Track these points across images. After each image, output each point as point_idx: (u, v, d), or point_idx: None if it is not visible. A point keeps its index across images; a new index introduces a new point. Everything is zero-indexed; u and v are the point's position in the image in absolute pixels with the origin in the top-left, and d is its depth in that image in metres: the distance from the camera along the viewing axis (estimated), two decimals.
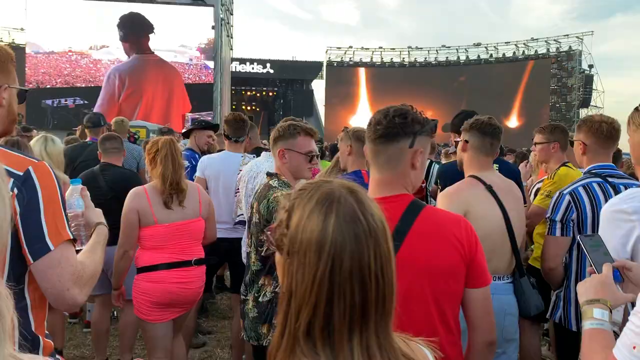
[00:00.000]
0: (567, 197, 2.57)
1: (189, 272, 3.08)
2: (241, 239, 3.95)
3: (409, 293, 1.50)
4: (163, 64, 23.44)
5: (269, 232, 0.92)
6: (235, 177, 3.98)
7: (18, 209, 1.40)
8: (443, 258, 1.54)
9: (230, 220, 4.05)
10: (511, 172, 3.22)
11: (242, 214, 3.93)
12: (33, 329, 1.48)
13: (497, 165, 3.20)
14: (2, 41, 30.35)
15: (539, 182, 3.80)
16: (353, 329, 0.88)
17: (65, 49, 23.09)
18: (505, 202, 2.42)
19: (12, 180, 1.39)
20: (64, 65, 23.20)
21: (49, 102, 22.59)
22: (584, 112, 31.87)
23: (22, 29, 26.57)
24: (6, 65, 1.53)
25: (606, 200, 2.45)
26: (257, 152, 4.38)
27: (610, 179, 2.56)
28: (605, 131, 2.60)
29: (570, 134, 3.83)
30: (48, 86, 22.87)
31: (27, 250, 1.41)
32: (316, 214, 0.91)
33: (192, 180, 3.90)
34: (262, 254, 2.38)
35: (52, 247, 1.44)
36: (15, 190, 1.40)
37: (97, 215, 1.80)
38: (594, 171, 2.62)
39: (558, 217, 2.58)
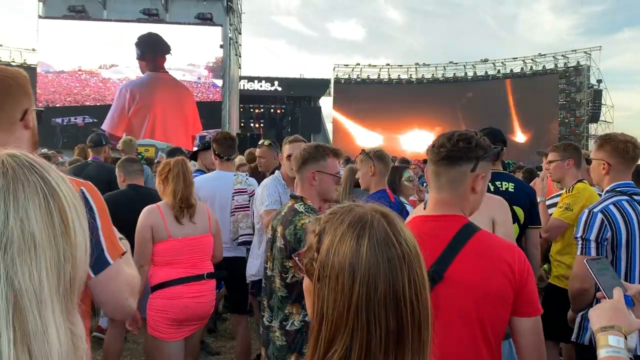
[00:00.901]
0: (600, 216, 2.49)
1: (202, 286, 3.16)
2: (241, 258, 3.92)
3: (455, 310, 1.53)
4: (176, 83, 23.83)
5: (297, 258, 0.91)
6: (230, 196, 4.00)
7: None
8: (492, 280, 1.54)
9: (227, 240, 4.03)
10: (526, 194, 3.17)
11: (245, 234, 3.91)
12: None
13: (514, 185, 3.18)
14: (14, 62, 30.85)
15: (550, 199, 3.75)
16: (388, 356, 0.86)
17: (75, 68, 23.45)
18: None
19: None
20: (74, 84, 23.58)
21: (58, 120, 22.91)
22: (593, 127, 31.75)
23: (33, 50, 27.02)
24: (28, 88, 1.60)
25: (638, 218, 2.43)
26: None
27: (635, 197, 2.53)
28: (630, 151, 2.57)
29: (584, 152, 3.81)
30: (58, 105, 23.18)
31: (88, 267, 1.46)
32: (348, 238, 0.89)
33: None
34: (288, 280, 2.32)
35: (110, 262, 1.53)
36: None
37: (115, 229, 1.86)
38: (618, 189, 2.57)
39: (592, 237, 2.49)
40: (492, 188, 3.21)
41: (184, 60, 23.89)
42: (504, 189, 3.19)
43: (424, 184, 4.77)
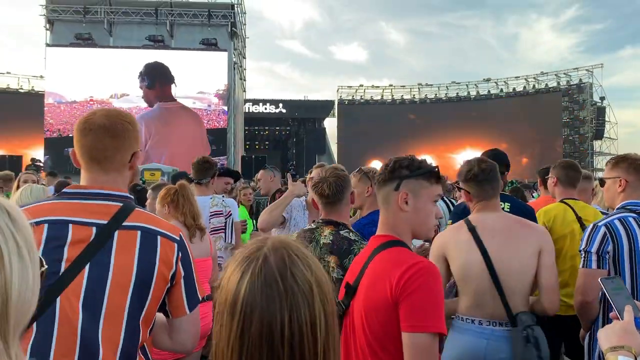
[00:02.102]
0: (603, 229, 2.51)
1: (202, 308, 3.16)
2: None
3: (357, 320, 1.67)
4: (186, 111, 24.05)
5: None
6: (207, 219, 4.02)
7: (182, 271, 1.63)
8: (375, 290, 1.62)
9: None
10: (523, 213, 3.17)
11: (219, 256, 3.91)
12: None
13: (509, 204, 3.17)
14: (22, 89, 31.29)
15: None
16: None
17: (86, 98, 23.76)
18: (492, 243, 2.39)
19: (176, 245, 1.63)
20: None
21: (70, 149, 23.09)
22: (597, 144, 31.70)
23: (41, 77, 27.42)
24: (137, 132, 1.72)
25: None
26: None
27: None
28: None
29: (585, 172, 3.84)
30: (70, 135, 23.38)
31: (185, 304, 1.64)
32: (235, 273, 0.88)
33: None
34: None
35: (200, 299, 1.71)
36: (181, 254, 1.64)
37: None
38: (628, 207, 2.58)
39: (593, 249, 2.50)
40: None
41: (193, 88, 24.17)
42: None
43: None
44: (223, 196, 4.37)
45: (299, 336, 0.83)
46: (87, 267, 1.47)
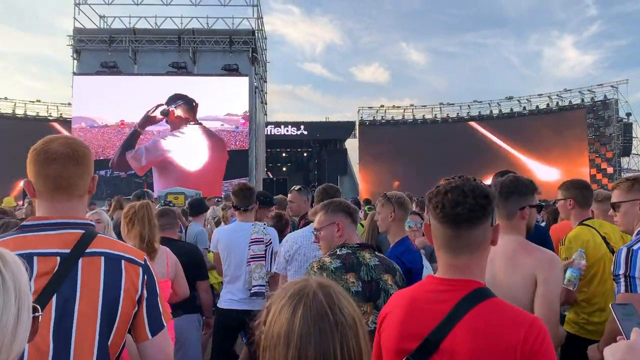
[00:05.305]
0: None
1: None
2: (256, 311, 3.87)
3: None
4: (211, 133, 24.62)
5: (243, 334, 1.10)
6: (247, 247, 4.05)
7: (146, 294, 1.63)
8: (492, 356, 1.38)
9: (245, 292, 4.04)
10: (535, 234, 3.09)
11: (258, 285, 3.89)
12: None
13: None
14: (51, 116, 32.18)
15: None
16: None
17: (117, 122, 24.44)
18: (489, 268, 2.27)
19: (140, 268, 1.64)
20: (117, 138, 24.47)
21: (102, 172, 23.71)
22: (625, 161, 31.05)
23: (69, 104, 28.17)
24: (92, 157, 1.76)
25: None
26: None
27: None
28: None
29: (598, 191, 3.71)
30: (102, 158, 24.03)
31: (147, 328, 1.64)
32: (286, 309, 0.97)
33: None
34: None
35: (165, 324, 1.69)
36: (146, 278, 1.65)
37: None
38: None
39: (637, 274, 2.41)
40: None
41: (219, 111, 24.62)
42: None
43: None
44: (265, 224, 4.35)
45: None
46: (54, 299, 1.48)
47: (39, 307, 0.79)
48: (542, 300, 2.17)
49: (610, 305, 1.45)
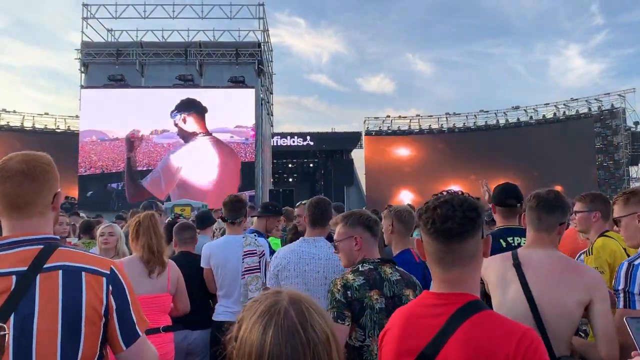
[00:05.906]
0: None
1: (159, 338, 3.26)
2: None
3: None
4: (221, 144, 24.57)
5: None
6: (240, 260, 4.00)
7: (114, 305, 1.58)
8: None
9: (240, 304, 3.99)
10: None
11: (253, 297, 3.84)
12: None
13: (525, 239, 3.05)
14: (59, 128, 32.44)
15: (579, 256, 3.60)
16: None
17: (128, 134, 24.43)
18: (535, 284, 2.24)
19: (104, 278, 1.58)
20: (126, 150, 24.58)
21: (114, 185, 23.85)
22: (634, 170, 30.85)
23: (76, 117, 28.36)
24: (56, 172, 1.70)
25: None
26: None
27: None
28: None
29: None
30: (113, 170, 24.12)
31: (120, 340, 1.59)
32: (257, 327, 0.95)
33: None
34: None
35: (140, 334, 1.64)
36: (111, 288, 1.59)
37: None
38: None
39: (636, 290, 2.35)
40: (503, 244, 3.13)
41: (228, 122, 24.69)
42: (515, 244, 3.12)
43: None
44: (256, 235, 4.32)
45: None
46: (12, 318, 1.44)
47: (4, 326, 0.77)
48: (606, 317, 2.21)
49: (624, 319, 1.42)
